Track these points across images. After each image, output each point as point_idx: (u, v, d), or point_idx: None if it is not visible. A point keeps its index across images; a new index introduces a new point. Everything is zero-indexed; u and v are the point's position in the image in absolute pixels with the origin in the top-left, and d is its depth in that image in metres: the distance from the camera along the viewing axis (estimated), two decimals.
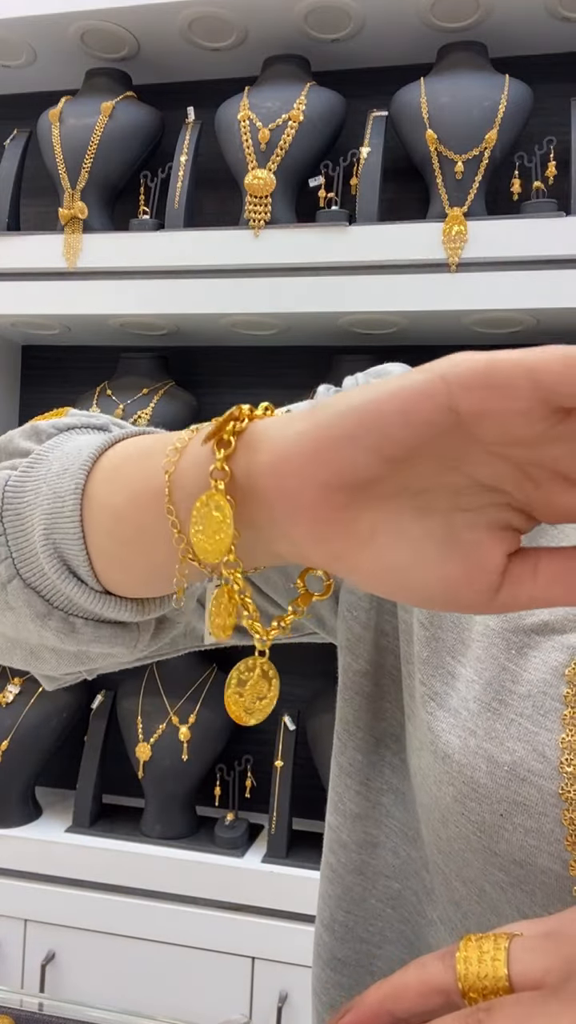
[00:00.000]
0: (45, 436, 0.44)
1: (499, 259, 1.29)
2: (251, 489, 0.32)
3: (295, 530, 0.32)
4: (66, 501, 0.38)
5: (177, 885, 1.35)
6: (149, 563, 0.37)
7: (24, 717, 1.46)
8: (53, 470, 0.40)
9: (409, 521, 0.31)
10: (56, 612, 0.40)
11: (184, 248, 1.41)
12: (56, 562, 0.39)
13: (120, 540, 0.38)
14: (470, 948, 0.32)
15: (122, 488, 0.38)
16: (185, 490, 0.35)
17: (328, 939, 0.51)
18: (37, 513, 0.39)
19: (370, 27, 1.43)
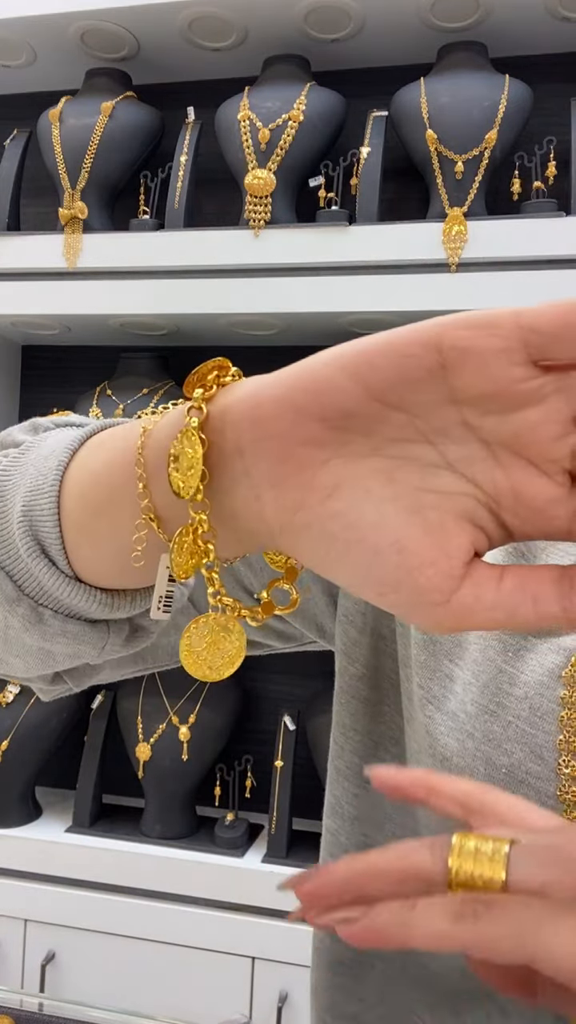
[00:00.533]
0: (42, 430, 0.44)
1: (499, 259, 1.29)
2: (223, 424, 0.32)
3: (259, 463, 0.31)
4: (47, 478, 0.38)
5: (177, 885, 1.35)
6: (115, 531, 0.36)
7: (24, 717, 1.46)
8: (41, 454, 0.40)
9: (376, 484, 0.30)
10: (25, 599, 0.39)
11: (184, 248, 1.41)
12: (29, 540, 0.38)
13: (92, 505, 0.37)
14: (467, 844, 0.29)
15: (103, 454, 0.38)
16: (158, 442, 0.35)
17: (329, 942, 0.51)
18: (19, 494, 0.39)
19: (370, 27, 1.43)
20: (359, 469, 0.30)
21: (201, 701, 1.44)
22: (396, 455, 0.30)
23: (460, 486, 0.30)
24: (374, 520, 0.30)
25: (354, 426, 0.29)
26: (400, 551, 0.29)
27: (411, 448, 0.30)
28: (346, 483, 0.30)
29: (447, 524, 0.30)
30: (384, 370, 0.28)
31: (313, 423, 0.30)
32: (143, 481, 0.35)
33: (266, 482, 0.31)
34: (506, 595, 0.29)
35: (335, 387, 0.29)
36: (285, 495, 0.31)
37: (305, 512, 0.30)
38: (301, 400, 0.30)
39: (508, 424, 0.28)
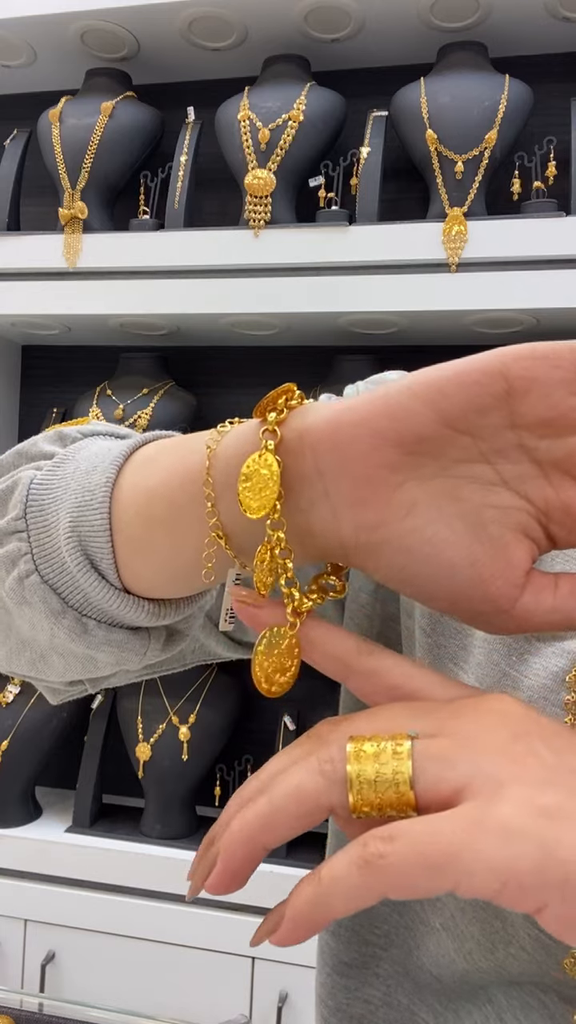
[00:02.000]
0: (70, 440, 0.45)
1: (499, 259, 1.29)
2: (301, 446, 0.34)
3: (338, 486, 0.33)
4: (95, 493, 0.39)
5: (177, 885, 1.35)
6: (175, 546, 0.38)
7: (24, 717, 1.46)
8: (81, 468, 0.41)
9: (445, 502, 0.32)
10: (70, 611, 0.40)
11: (184, 248, 1.41)
12: (79, 555, 0.39)
13: (149, 521, 0.38)
14: (363, 759, 0.27)
15: (157, 471, 0.39)
16: (226, 461, 0.36)
17: (334, 944, 0.51)
18: (64, 509, 0.40)
19: (370, 27, 1.43)
20: (431, 489, 0.33)
21: (201, 701, 1.44)
22: (460, 475, 0.33)
23: (516, 502, 0.33)
24: (448, 536, 0.32)
25: (426, 449, 0.32)
26: (473, 564, 0.32)
27: (473, 468, 0.33)
28: (421, 502, 0.32)
29: (507, 537, 0.33)
30: (455, 398, 0.31)
31: (390, 447, 0.32)
32: (211, 500, 0.36)
33: (346, 502, 0.33)
34: (563, 600, 0.33)
35: (411, 414, 0.32)
36: (365, 514, 0.33)
37: (385, 529, 0.33)
38: (380, 425, 0.32)
39: (561, 446, 0.32)
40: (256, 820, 0.28)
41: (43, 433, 0.46)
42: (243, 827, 0.29)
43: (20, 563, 0.41)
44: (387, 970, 0.49)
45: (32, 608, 0.41)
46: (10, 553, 0.41)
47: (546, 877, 0.24)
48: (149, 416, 1.48)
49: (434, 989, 0.46)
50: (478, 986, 0.43)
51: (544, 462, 0.32)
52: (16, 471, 0.44)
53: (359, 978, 0.50)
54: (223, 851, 0.29)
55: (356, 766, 0.27)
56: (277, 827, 0.28)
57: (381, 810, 0.26)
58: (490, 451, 0.32)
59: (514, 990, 0.42)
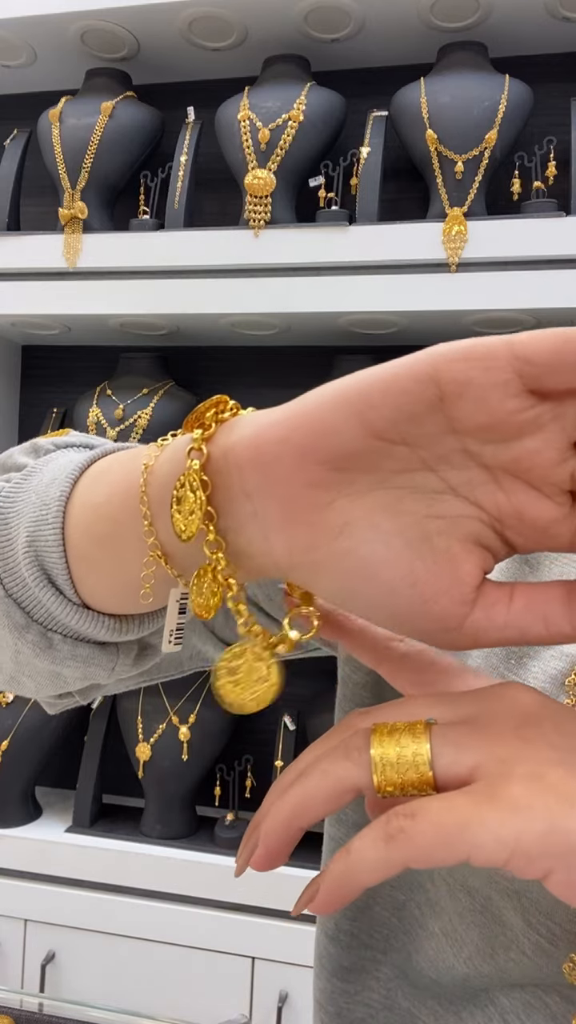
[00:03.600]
0: (43, 452, 0.44)
1: (499, 259, 1.29)
2: (227, 465, 0.32)
3: (267, 506, 0.31)
4: (50, 508, 0.38)
5: (177, 885, 1.35)
6: (121, 564, 0.37)
7: (24, 717, 1.46)
8: (44, 481, 0.40)
9: (383, 518, 0.30)
10: (35, 625, 0.39)
11: (184, 248, 1.41)
12: (36, 570, 0.39)
13: (96, 538, 0.37)
14: (386, 744, 0.29)
15: (104, 487, 0.38)
16: (160, 480, 0.35)
17: (334, 950, 0.51)
18: (23, 523, 0.39)
19: (370, 27, 1.43)
20: (366, 505, 0.30)
21: (201, 701, 1.44)
22: (400, 486, 0.30)
23: (464, 509, 0.30)
24: (385, 556, 0.30)
25: (357, 465, 0.30)
26: (413, 584, 0.30)
27: (414, 477, 0.30)
28: (355, 521, 0.30)
29: (454, 549, 0.30)
30: (384, 408, 0.29)
31: (316, 466, 0.30)
32: (148, 519, 0.35)
33: (275, 524, 0.31)
34: (516, 616, 0.30)
35: (336, 430, 0.29)
36: (295, 536, 0.31)
37: (317, 551, 0.31)
38: (303, 442, 0.30)
39: (508, 451, 0.29)
40: (292, 805, 0.30)
41: (21, 445, 0.46)
42: (281, 811, 0.30)
43: None
44: (387, 974, 0.49)
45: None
46: None
47: (550, 846, 0.26)
48: (149, 416, 1.48)
49: (434, 992, 0.46)
50: (479, 989, 0.43)
51: (492, 467, 0.29)
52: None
53: (359, 982, 0.50)
54: (264, 834, 0.31)
55: (379, 750, 0.29)
56: (311, 810, 0.30)
57: (404, 789, 0.29)
58: (432, 458, 0.30)
59: (516, 992, 0.42)
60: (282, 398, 1.13)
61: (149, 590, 0.36)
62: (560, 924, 0.40)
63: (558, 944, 0.40)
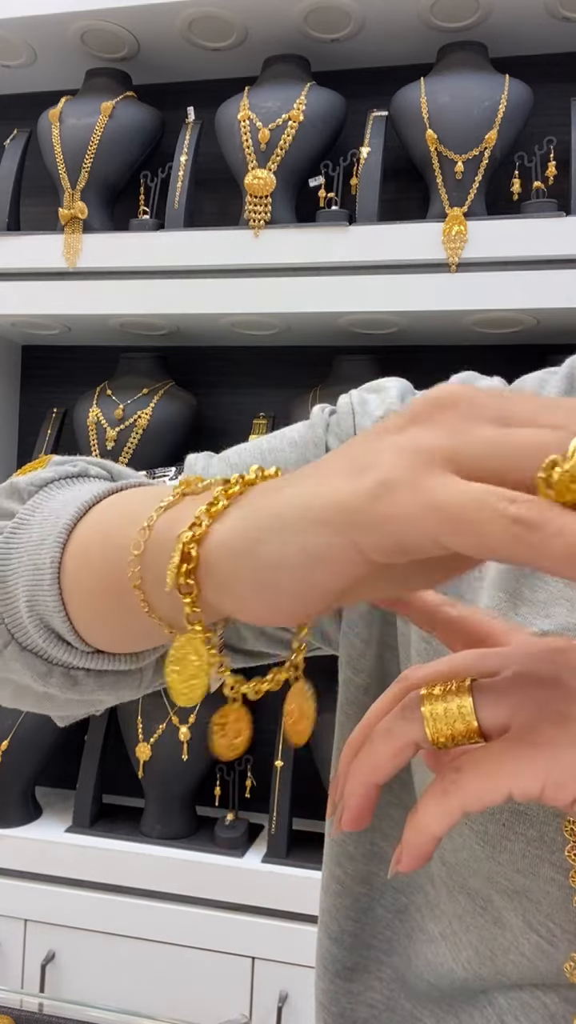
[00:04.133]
0: (26, 495, 0.44)
1: (499, 259, 1.29)
2: (218, 599, 0.33)
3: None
4: (44, 574, 0.39)
5: (177, 885, 1.35)
6: (129, 629, 0.38)
7: (24, 717, 1.46)
8: (33, 539, 0.41)
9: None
10: (57, 669, 0.41)
11: (184, 248, 1.41)
12: (44, 632, 0.40)
13: (97, 613, 0.39)
14: (435, 702, 0.32)
15: (92, 573, 0.38)
16: (152, 567, 0.35)
17: (337, 951, 0.51)
18: (20, 584, 0.40)
19: (370, 27, 1.43)
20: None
21: (201, 701, 1.44)
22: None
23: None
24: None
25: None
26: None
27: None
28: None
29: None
30: (323, 600, 0.30)
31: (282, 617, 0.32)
32: (146, 605, 0.35)
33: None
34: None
35: (295, 618, 0.32)
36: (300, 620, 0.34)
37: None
38: (280, 619, 0.33)
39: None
40: (365, 767, 0.33)
41: (1, 485, 0.46)
42: (357, 774, 0.34)
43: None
44: (389, 975, 0.49)
45: (18, 674, 0.42)
46: None
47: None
48: (149, 416, 1.48)
49: (436, 993, 0.46)
50: (478, 991, 0.43)
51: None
52: None
53: (362, 983, 0.50)
54: (347, 797, 0.34)
55: (429, 706, 0.32)
56: (380, 767, 0.33)
57: (454, 740, 0.32)
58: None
59: (514, 992, 0.42)
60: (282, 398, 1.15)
61: (169, 633, 0.36)
62: (560, 925, 0.40)
63: (557, 945, 0.40)
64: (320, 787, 1.40)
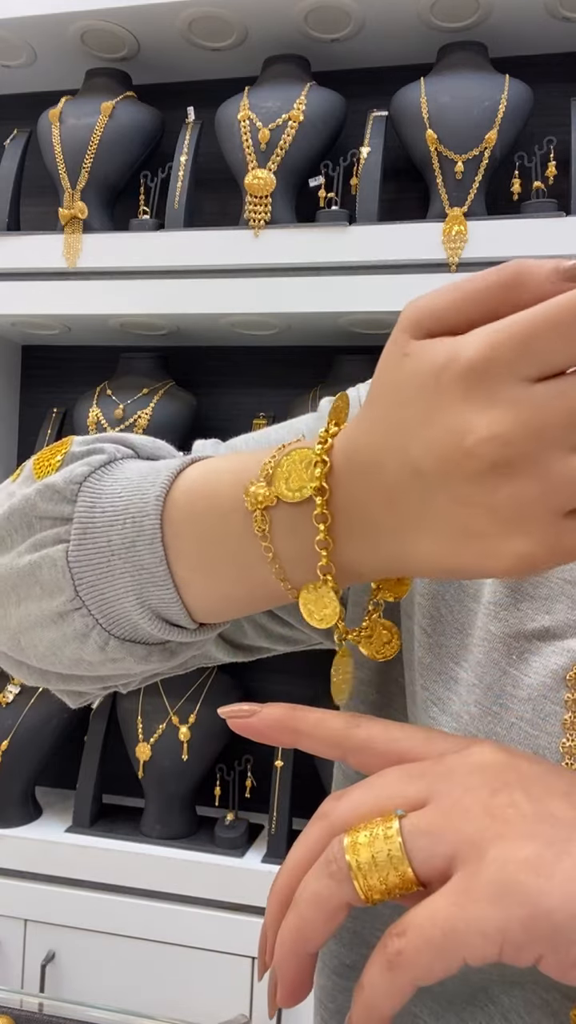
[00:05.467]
0: (69, 494, 0.42)
1: (499, 259, 1.28)
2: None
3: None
4: (155, 574, 0.40)
5: (177, 885, 1.35)
6: (241, 595, 0.40)
7: (24, 717, 1.46)
8: (115, 542, 0.41)
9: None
10: (156, 648, 0.43)
11: (184, 248, 1.41)
12: (158, 623, 0.41)
13: (209, 589, 0.40)
14: (359, 848, 0.29)
15: (202, 548, 0.40)
16: (281, 509, 0.37)
17: (336, 947, 0.51)
18: (121, 585, 0.41)
19: (370, 27, 1.43)
20: None
21: (201, 701, 1.44)
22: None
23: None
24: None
25: None
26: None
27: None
28: None
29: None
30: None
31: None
32: (271, 552, 0.37)
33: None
34: None
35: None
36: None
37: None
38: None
39: None
40: (292, 935, 0.30)
41: (33, 488, 0.43)
42: (284, 944, 0.30)
43: (92, 635, 0.42)
44: None
45: (118, 663, 0.43)
46: (79, 630, 0.42)
47: (535, 932, 0.26)
48: (149, 416, 1.48)
49: (434, 992, 0.46)
50: (479, 987, 0.43)
51: None
52: (29, 542, 0.43)
53: None
54: (279, 971, 0.31)
55: (354, 856, 0.29)
56: (311, 935, 0.30)
57: (391, 894, 0.28)
58: None
59: (516, 989, 0.42)
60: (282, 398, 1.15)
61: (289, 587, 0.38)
62: None
63: None
64: (320, 787, 1.40)
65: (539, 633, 0.45)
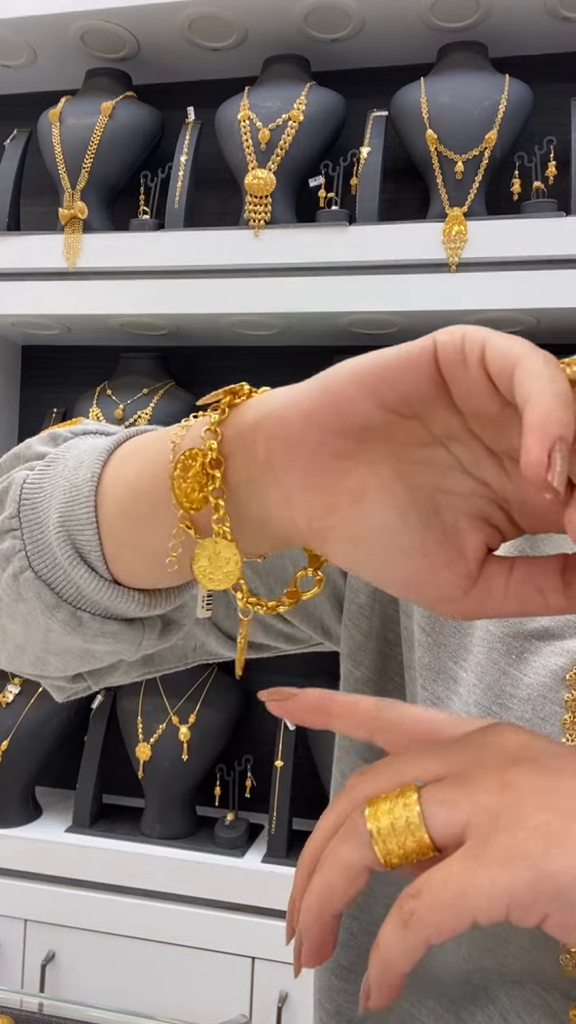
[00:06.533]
0: (61, 440, 0.45)
1: (499, 259, 1.29)
2: (252, 440, 0.34)
3: (289, 475, 0.33)
4: (81, 489, 0.40)
5: (177, 885, 1.35)
6: (152, 538, 0.38)
7: (24, 717, 1.46)
8: (70, 465, 0.42)
9: (398, 487, 0.32)
10: (64, 604, 0.41)
11: (184, 248, 1.41)
12: (69, 549, 0.40)
13: (129, 514, 0.39)
14: (380, 815, 0.30)
15: (134, 466, 0.39)
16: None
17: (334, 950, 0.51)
18: (53, 505, 0.41)
19: (370, 27, 1.43)
20: (383, 475, 0.32)
21: (201, 701, 1.44)
22: (415, 459, 0.32)
23: (473, 487, 0.32)
24: (397, 523, 0.32)
25: (373, 436, 0.32)
26: (424, 553, 0.32)
27: (428, 452, 0.32)
28: (372, 489, 0.32)
29: (461, 524, 0.32)
30: (397, 385, 0.31)
31: (337, 438, 0.32)
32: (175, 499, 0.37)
33: (297, 491, 0.33)
34: (515, 588, 0.32)
35: (354, 405, 0.31)
36: (315, 500, 0.33)
37: (334, 516, 0.33)
38: (324, 418, 0.32)
39: (504, 439, 0.31)
40: (317, 898, 0.31)
41: (37, 436, 0.47)
42: (309, 907, 0.32)
43: (14, 560, 0.41)
44: None
45: (27, 604, 0.42)
46: (5, 551, 0.42)
47: (540, 892, 0.27)
48: (149, 416, 1.48)
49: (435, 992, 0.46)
50: (480, 987, 0.43)
51: (495, 450, 0.31)
52: (11, 472, 0.45)
53: (358, 982, 0.50)
54: (303, 932, 0.32)
55: (375, 823, 0.30)
56: (335, 898, 0.31)
57: (408, 859, 0.30)
58: (444, 435, 0.32)
59: (516, 989, 0.42)
60: None
61: (175, 558, 0.37)
62: None
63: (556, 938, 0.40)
64: (320, 787, 1.40)
65: (539, 633, 0.45)
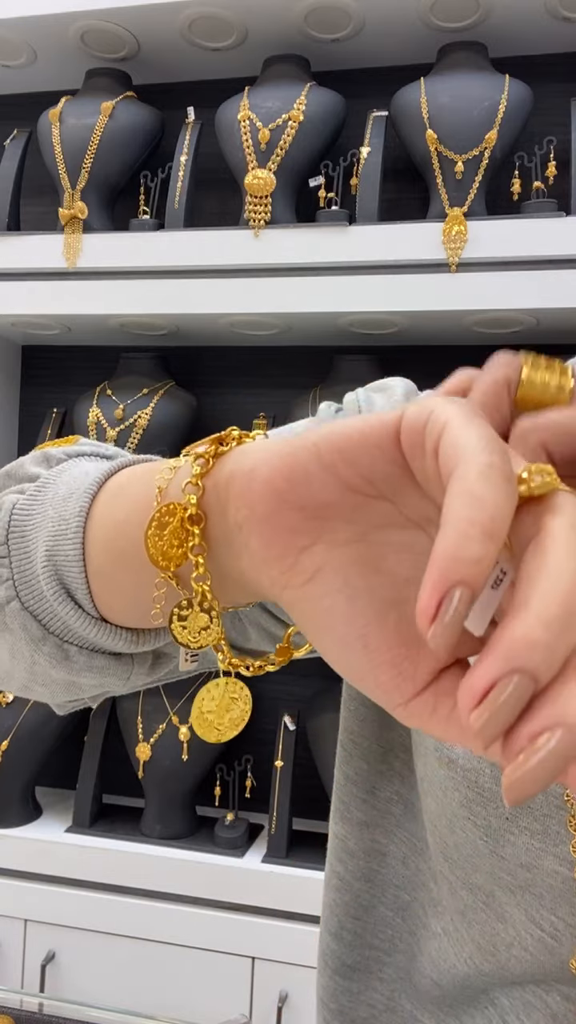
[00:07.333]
0: (55, 461, 0.44)
1: (499, 259, 1.29)
2: (226, 496, 0.32)
3: (251, 541, 0.31)
4: (69, 523, 0.39)
5: (177, 885, 1.35)
6: (138, 580, 0.37)
7: (24, 717, 1.46)
8: (60, 494, 0.40)
9: (356, 573, 0.29)
10: (51, 637, 0.40)
11: (184, 248, 1.41)
12: (55, 584, 0.39)
13: (115, 554, 0.37)
14: (538, 359, 0.34)
15: (123, 504, 0.38)
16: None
17: (336, 947, 0.51)
18: (41, 536, 0.40)
19: (370, 27, 1.43)
20: (343, 556, 0.29)
21: None
22: (384, 542, 0.29)
23: None
24: (344, 611, 0.29)
25: (335, 514, 0.29)
26: (365, 646, 0.28)
27: (405, 535, 0.29)
28: (327, 569, 0.29)
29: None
30: (356, 464, 0.28)
31: (293, 511, 0.29)
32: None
33: (257, 558, 0.31)
34: (453, 723, 0.27)
35: (311, 479, 0.29)
36: (272, 573, 0.30)
37: (287, 591, 0.30)
38: (281, 488, 0.29)
39: None
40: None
41: (31, 453, 0.46)
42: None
43: (1, 589, 0.40)
44: (390, 975, 0.49)
45: (13, 634, 0.41)
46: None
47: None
48: (149, 416, 1.48)
49: (435, 995, 0.46)
50: (480, 990, 0.43)
51: None
52: (2, 493, 0.44)
53: (362, 982, 0.50)
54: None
55: (528, 371, 0.34)
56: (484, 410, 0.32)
57: (541, 400, 0.33)
58: (419, 517, 0.28)
59: (516, 991, 0.42)
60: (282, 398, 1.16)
61: (159, 611, 0.36)
62: (563, 919, 0.40)
63: (561, 940, 0.40)
64: (320, 787, 1.40)
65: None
